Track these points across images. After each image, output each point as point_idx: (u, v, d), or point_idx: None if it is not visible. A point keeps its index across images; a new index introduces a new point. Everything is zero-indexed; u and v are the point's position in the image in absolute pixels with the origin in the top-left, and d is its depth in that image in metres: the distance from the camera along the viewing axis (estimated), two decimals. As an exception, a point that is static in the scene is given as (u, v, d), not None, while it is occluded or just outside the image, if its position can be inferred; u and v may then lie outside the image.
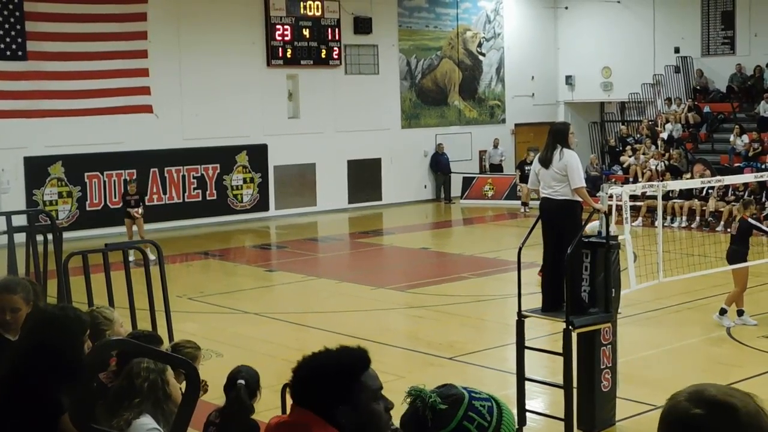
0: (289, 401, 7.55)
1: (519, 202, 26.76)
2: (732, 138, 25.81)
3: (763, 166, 23.60)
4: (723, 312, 13.21)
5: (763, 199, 22.52)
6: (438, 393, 2.29)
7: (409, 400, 2.29)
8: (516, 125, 32.44)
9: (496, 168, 30.75)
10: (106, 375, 5.14)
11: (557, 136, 9.56)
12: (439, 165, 30.15)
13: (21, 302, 5.08)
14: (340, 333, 13.39)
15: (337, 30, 27.70)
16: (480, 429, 2.25)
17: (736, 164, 24.87)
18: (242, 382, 5.73)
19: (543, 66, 32.77)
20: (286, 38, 26.73)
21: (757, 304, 14.48)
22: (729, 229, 22.07)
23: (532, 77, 32.57)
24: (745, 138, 25.53)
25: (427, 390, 2.29)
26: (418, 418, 2.23)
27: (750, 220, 13.46)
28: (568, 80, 32.86)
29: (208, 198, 25.88)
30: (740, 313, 13.30)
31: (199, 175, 25.67)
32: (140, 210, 20.48)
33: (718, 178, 18.10)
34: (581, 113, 32.78)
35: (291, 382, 2.82)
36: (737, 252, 13.24)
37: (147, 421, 4.44)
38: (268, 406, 6.43)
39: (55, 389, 4.31)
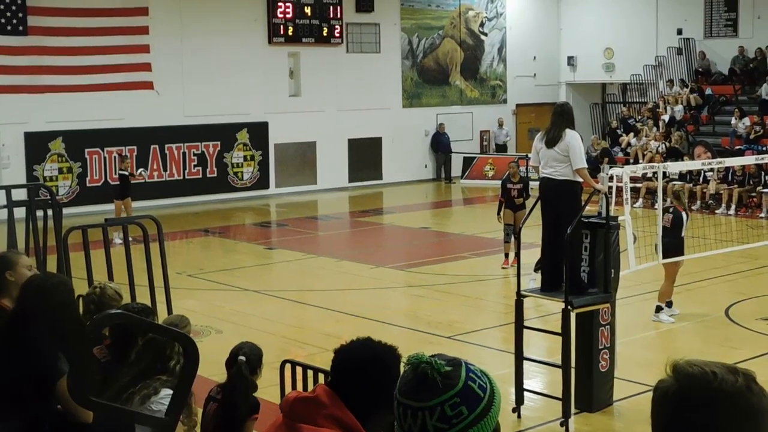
0: (288, 378, 7.56)
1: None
2: (733, 120, 25.77)
3: (764, 149, 23.57)
4: (659, 309, 12.77)
5: (762, 182, 22.51)
6: (438, 357, 2.30)
7: (408, 368, 2.29)
8: (517, 105, 32.38)
9: (501, 148, 30.71)
10: (99, 350, 5.16)
11: (565, 116, 9.54)
12: (440, 145, 30.11)
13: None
14: (339, 311, 13.43)
15: (338, 8, 27.61)
16: (481, 389, 2.27)
17: (737, 147, 24.83)
18: (243, 358, 5.75)
19: (545, 46, 32.67)
20: (287, 16, 26.64)
21: (756, 287, 14.51)
22: (729, 212, 22.18)
23: (534, 57, 32.48)
24: (747, 121, 25.49)
25: (426, 355, 2.31)
26: (428, 383, 2.24)
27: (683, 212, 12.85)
28: (570, 61, 32.77)
29: (208, 175, 25.87)
30: (669, 304, 12.82)
31: (199, 152, 25.65)
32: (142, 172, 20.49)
33: (719, 160, 18.07)
34: (583, 94, 32.72)
35: (338, 359, 2.81)
36: (671, 244, 12.69)
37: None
38: (266, 383, 6.45)
39: (51, 354, 4.34)
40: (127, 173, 19.84)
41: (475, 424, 2.24)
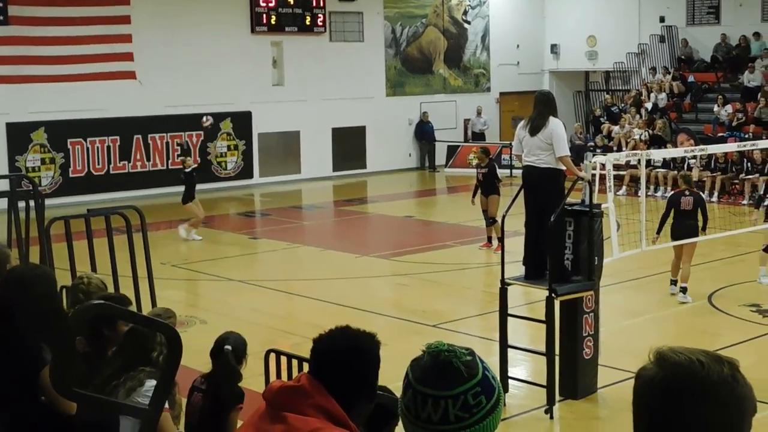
0: (272, 368, 7.54)
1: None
2: (716, 108, 25.85)
3: (747, 136, 23.65)
4: (685, 290, 13.11)
5: (744, 169, 22.61)
6: (452, 346, 2.32)
7: (428, 356, 2.30)
8: (501, 94, 32.40)
9: (479, 137, 30.72)
10: (78, 341, 5.14)
11: (548, 104, 9.57)
12: (424, 133, 30.10)
13: None
14: (324, 301, 13.43)
15: (321, -3, 27.56)
16: (494, 380, 2.30)
17: (720, 134, 24.92)
18: (229, 348, 5.75)
19: (528, 34, 32.66)
20: (270, 5, 26.55)
21: (738, 274, 14.59)
22: (712, 199, 22.27)
23: (517, 46, 32.48)
24: (729, 108, 25.59)
25: (445, 344, 2.31)
26: (452, 371, 2.24)
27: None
28: (554, 49, 32.79)
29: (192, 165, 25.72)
30: (674, 282, 13.35)
31: (182, 142, 25.55)
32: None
33: (702, 147, 18.13)
34: (566, 82, 32.76)
35: (319, 349, 2.80)
36: (692, 226, 13.04)
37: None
38: (251, 373, 6.44)
39: (35, 345, 4.32)
40: (189, 170, 18.44)
41: (492, 413, 2.27)
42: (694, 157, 22.14)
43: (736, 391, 1.95)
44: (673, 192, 14.26)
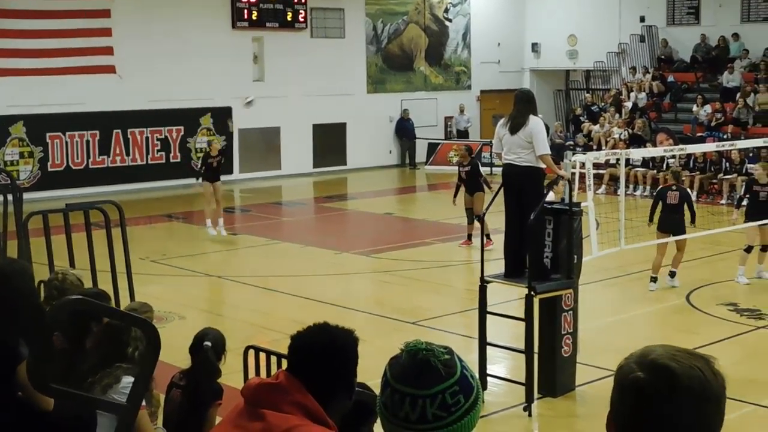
0: (252, 364, 7.52)
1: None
2: (695, 108, 25.99)
3: (725, 136, 23.79)
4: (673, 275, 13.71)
5: (723, 169, 22.73)
6: (430, 345, 2.31)
7: (406, 355, 2.29)
8: (482, 92, 32.44)
9: (462, 134, 30.76)
10: (55, 337, 5.11)
11: (528, 103, 9.59)
12: (405, 131, 30.11)
13: None
14: (303, 297, 13.41)
15: (303, -8, 27.50)
16: (472, 378, 2.29)
17: (699, 134, 25.05)
18: (209, 344, 5.73)
19: (509, 33, 32.72)
20: (251, 0, 26.48)
21: (716, 273, 14.68)
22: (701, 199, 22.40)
23: (498, 44, 32.52)
24: (708, 108, 25.72)
25: (423, 342, 2.31)
26: (430, 370, 2.24)
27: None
28: (534, 47, 32.87)
29: (171, 160, 25.68)
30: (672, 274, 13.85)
31: (162, 137, 25.46)
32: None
33: (681, 147, 18.23)
34: (547, 81, 32.85)
35: (297, 346, 2.79)
36: (680, 219, 13.58)
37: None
38: (230, 369, 6.43)
39: (11, 340, 4.29)
40: (214, 157, 18.27)
41: (470, 413, 2.27)
42: (674, 156, 22.24)
43: (715, 387, 1.97)
44: (661, 186, 14.69)
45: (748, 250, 13.85)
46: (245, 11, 26.44)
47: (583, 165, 12.28)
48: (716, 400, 1.97)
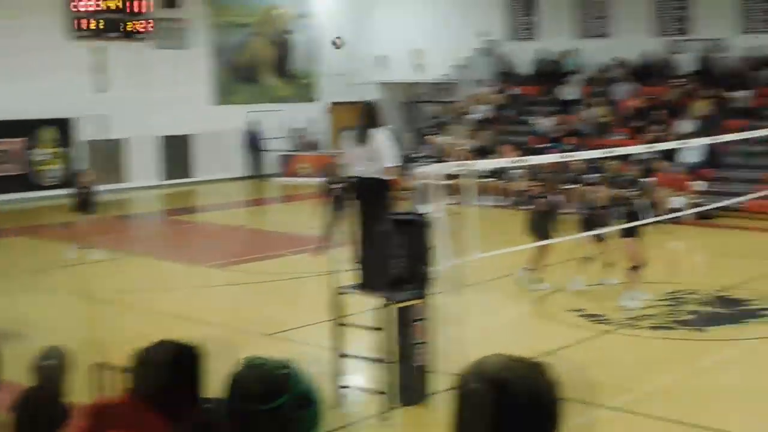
0: (98, 383, 7.27)
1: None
2: (537, 120, 26.76)
3: (568, 147, 24.53)
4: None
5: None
6: (269, 360, 2.28)
7: (245, 371, 2.25)
8: (334, 104, 32.54)
9: (312, 146, 30.80)
10: None
11: (371, 115, 9.67)
12: (253, 142, 29.93)
13: None
14: (155, 312, 13.11)
15: (144, 3, 26.96)
16: (314, 391, 2.28)
17: (542, 145, 25.77)
18: (53, 362, 5.54)
19: (356, 45, 32.94)
20: (90, 9, 25.82)
21: (566, 279, 15.11)
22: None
23: (346, 56, 32.70)
24: (551, 120, 26.53)
25: (260, 357, 2.27)
26: (268, 385, 2.20)
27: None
28: (381, 60, 33.18)
29: (13, 173, 24.76)
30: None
31: (4, 149, 24.52)
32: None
33: (525, 158, 18.68)
34: (394, 93, 33.19)
35: (140, 364, 2.70)
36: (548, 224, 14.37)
37: None
38: (75, 388, 6.21)
39: None
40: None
41: (313, 426, 2.26)
42: (520, 167, 22.79)
43: (551, 395, 2.03)
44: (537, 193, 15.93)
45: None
46: (86, 21, 25.80)
47: (430, 176, 12.44)
48: (548, 408, 2.02)
